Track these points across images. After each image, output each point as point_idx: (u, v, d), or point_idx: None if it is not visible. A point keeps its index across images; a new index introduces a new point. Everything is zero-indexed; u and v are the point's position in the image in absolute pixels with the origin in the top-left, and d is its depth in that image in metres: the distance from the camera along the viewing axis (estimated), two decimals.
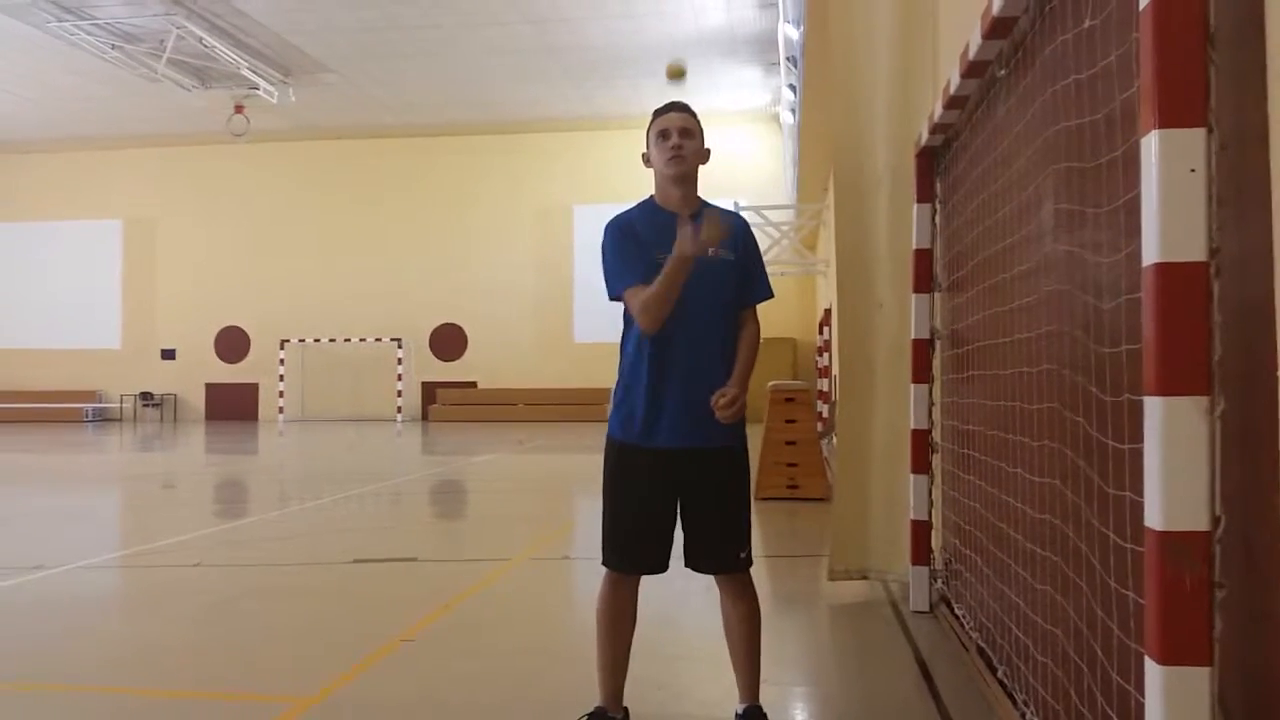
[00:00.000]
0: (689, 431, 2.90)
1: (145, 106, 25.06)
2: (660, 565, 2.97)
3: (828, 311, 17.39)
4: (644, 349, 2.93)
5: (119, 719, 3.39)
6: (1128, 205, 1.95)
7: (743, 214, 3.31)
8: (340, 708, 3.41)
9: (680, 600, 4.69)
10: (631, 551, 2.97)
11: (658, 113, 3.04)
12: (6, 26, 19.58)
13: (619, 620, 3.01)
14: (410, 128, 27.52)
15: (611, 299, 2.99)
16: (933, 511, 4.57)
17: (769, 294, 3.06)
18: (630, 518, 2.96)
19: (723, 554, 2.97)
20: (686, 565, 3.00)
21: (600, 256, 3.02)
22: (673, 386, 2.89)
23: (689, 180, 2.99)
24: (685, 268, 2.78)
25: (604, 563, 3.01)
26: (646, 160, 3.05)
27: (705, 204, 3.06)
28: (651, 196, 3.07)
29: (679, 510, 2.97)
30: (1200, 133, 1.57)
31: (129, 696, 3.60)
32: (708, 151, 3.05)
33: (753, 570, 3.04)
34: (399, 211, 28.58)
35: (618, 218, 3.04)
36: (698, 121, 3.03)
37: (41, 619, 4.77)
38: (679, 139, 2.94)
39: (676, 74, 3.16)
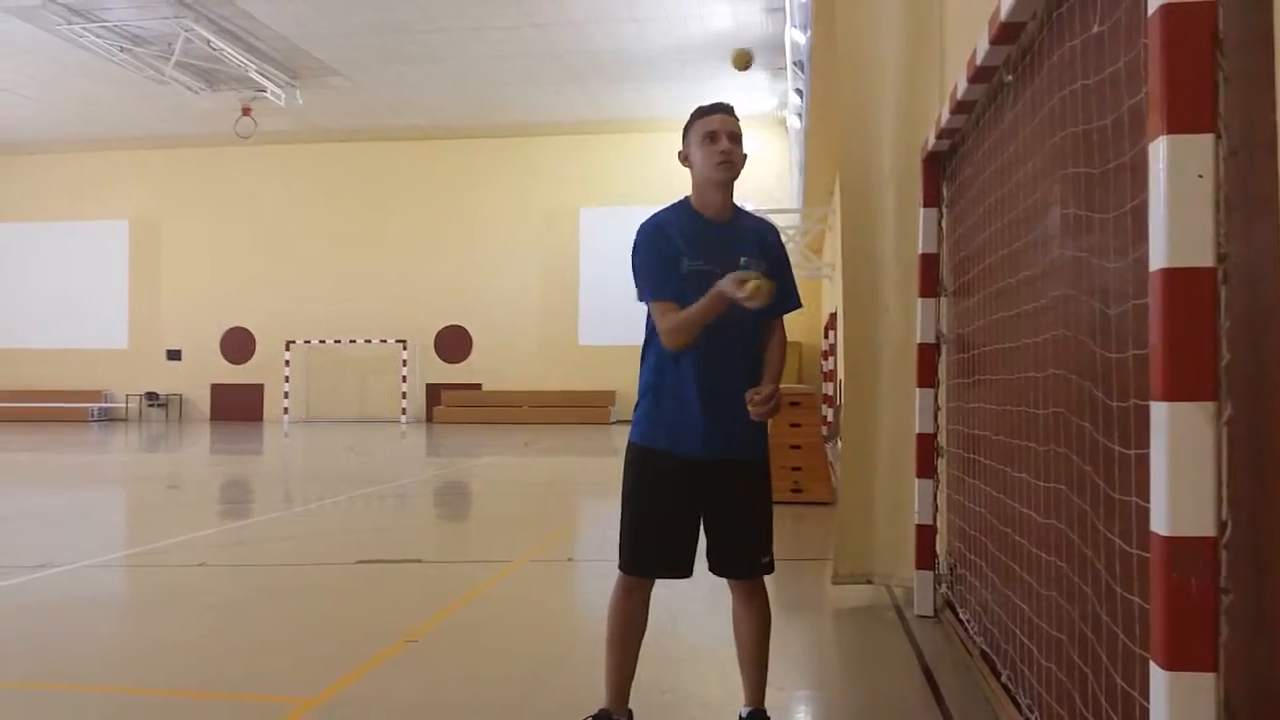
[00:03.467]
0: (723, 442, 2.90)
1: (153, 108, 25.13)
2: (685, 570, 2.95)
3: (833, 315, 17.38)
4: (684, 358, 2.89)
5: (122, 719, 3.40)
6: (1135, 210, 1.95)
7: None
8: (344, 708, 3.42)
9: (684, 604, 4.69)
10: (654, 557, 2.96)
11: (703, 111, 2.97)
12: (15, 28, 19.65)
13: (631, 624, 3.00)
14: (416, 130, 27.56)
15: (640, 300, 2.96)
16: (937, 516, 4.56)
17: (797, 304, 3.03)
18: (656, 525, 2.95)
19: (749, 560, 2.98)
20: (711, 570, 3.00)
21: (631, 256, 2.96)
22: (710, 397, 2.87)
23: (731, 186, 2.96)
24: (720, 309, 2.75)
25: (621, 567, 2.99)
26: (684, 159, 2.99)
27: (740, 210, 3.04)
28: (686, 198, 3.01)
29: (703, 516, 2.97)
30: (1209, 138, 1.57)
31: (133, 696, 3.61)
32: (745, 156, 3.00)
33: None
34: (405, 214, 28.62)
35: (651, 220, 2.98)
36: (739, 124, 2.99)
37: (46, 618, 4.78)
38: (730, 144, 2.90)
39: (743, 61, 3.11)
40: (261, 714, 3.38)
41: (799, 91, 16.93)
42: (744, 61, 4.28)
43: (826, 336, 19.92)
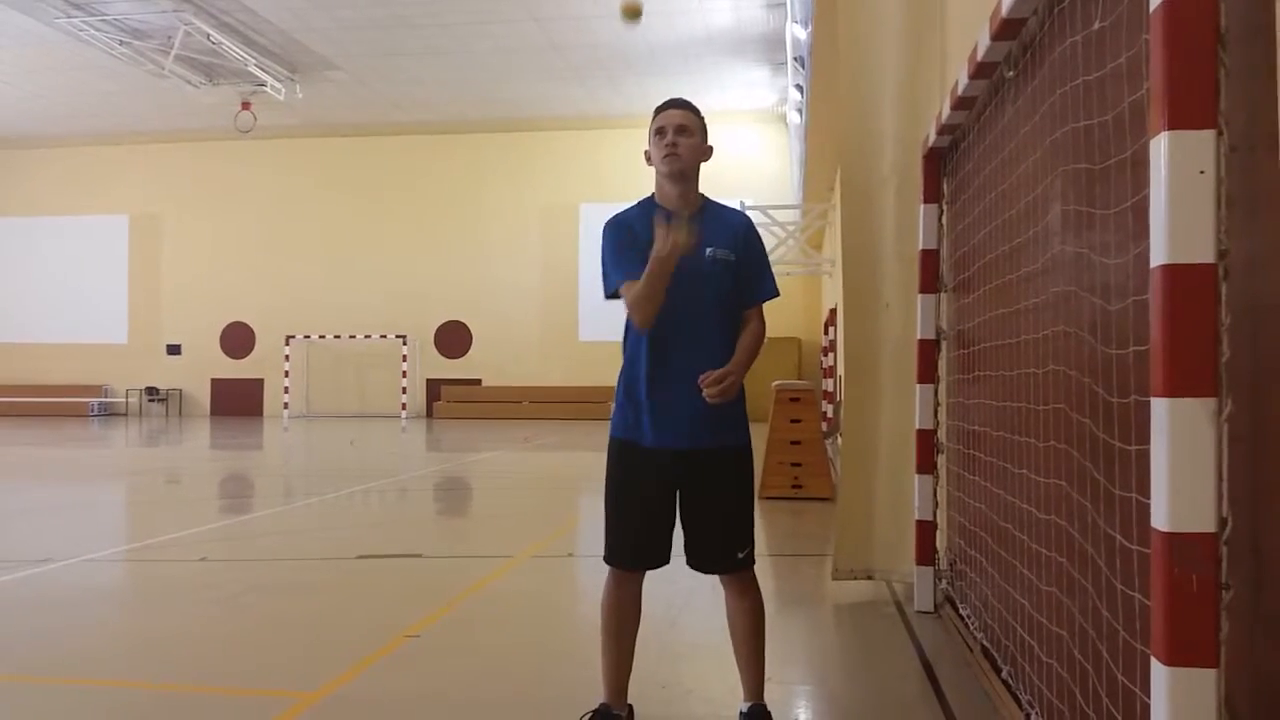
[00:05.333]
0: (689, 431, 2.90)
1: (152, 103, 25.12)
2: (661, 559, 2.97)
3: (833, 311, 17.38)
4: (644, 348, 2.92)
5: (123, 712, 3.41)
6: (1136, 207, 1.95)
7: (749, 213, 3.28)
8: (344, 703, 3.42)
9: (684, 599, 4.70)
10: (632, 549, 2.98)
11: (657, 109, 3.02)
12: (15, 21, 19.63)
13: (622, 617, 3.01)
14: (416, 125, 27.54)
15: (607, 297, 2.99)
16: (937, 512, 4.57)
17: (774, 293, 3.02)
18: (631, 516, 2.97)
19: (721, 554, 2.97)
20: (688, 564, 3.00)
21: (600, 255, 3.02)
22: (672, 386, 2.88)
23: (686, 178, 2.97)
24: (665, 268, 2.76)
25: (606, 560, 3.02)
26: (649, 158, 3.03)
27: (708, 201, 3.05)
28: (652, 195, 3.05)
29: (679, 508, 2.97)
30: (1210, 134, 1.56)
31: (134, 690, 3.62)
32: (710, 149, 3.02)
33: (757, 569, 3.05)
34: (404, 209, 28.61)
35: (616, 216, 3.03)
36: (699, 117, 3.00)
37: (47, 612, 4.79)
38: (674, 136, 2.92)
39: (632, 12, 3.14)
40: (262, 708, 3.38)
41: (799, 87, 16.92)
42: (632, 11, 4.35)
43: (826, 332, 19.92)
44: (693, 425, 2.88)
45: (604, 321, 26.24)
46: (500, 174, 28.20)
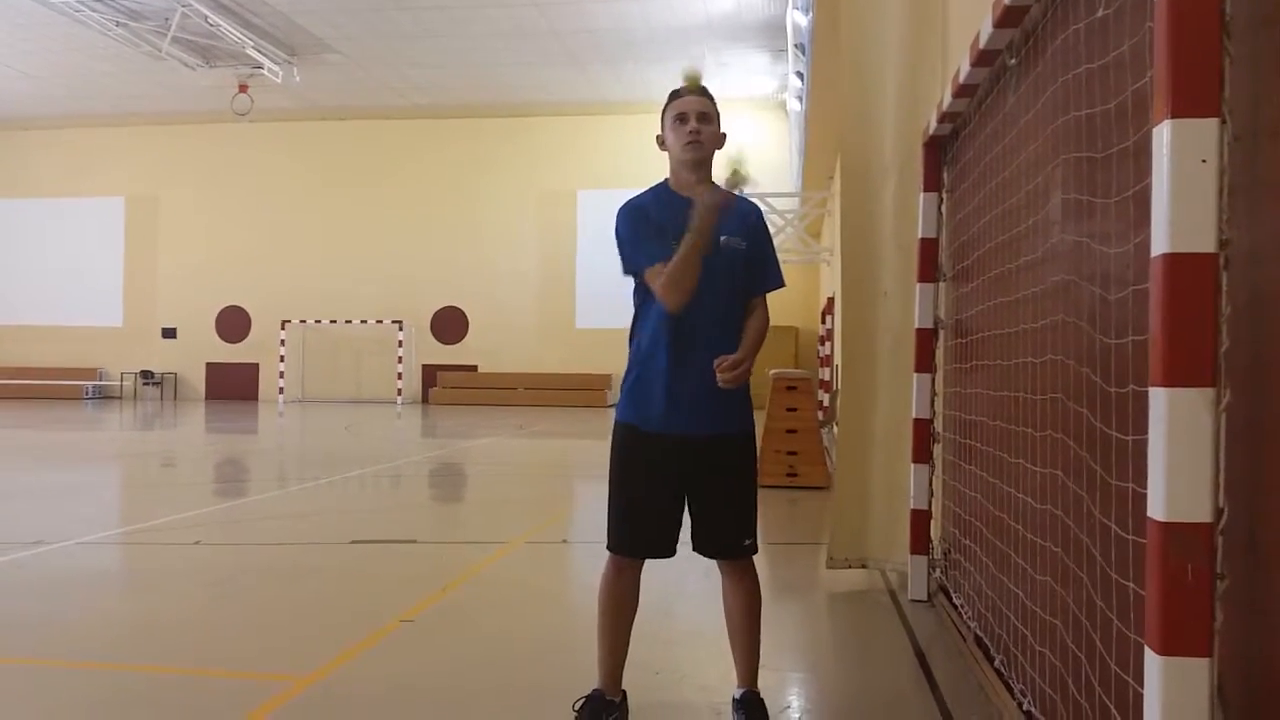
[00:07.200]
0: (701, 418, 2.90)
1: (149, 84, 24.97)
2: (667, 550, 2.96)
3: (831, 300, 17.38)
4: (657, 335, 2.91)
5: (117, 695, 3.40)
6: (1137, 196, 1.94)
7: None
8: (339, 687, 3.42)
9: (678, 586, 4.70)
10: (638, 536, 2.97)
11: (675, 94, 3.00)
12: (11, 1, 19.49)
13: (621, 604, 3.01)
14: (414, 109, 27.42)
15: (626, 273, 2.96)
16: (933, 501, 4.57)
17: (780, 283, 3.03)
18: (638, 503, 2.96)
19: (730, 540, 2.98)
20: (694, 549, 3.00)
21: (615, 239, 2.99)
22: (685, 373, 2.88)
23: (704, 165, 2.96)
24: (703, 239, 2.75)
25: (609, 547, 3.00)
26: (661, 143, 3.02)
27: (719, 189, 3.04)
28: (665, 180, 3.03)
29: (686, 495, 2.97)
30: (1213, 123, 1.55)
31: (127, 673, 3.62)
32: (724, 135, 3.02)
33: (754, 556, 3.05)
34: (402, 193, 28.51)
35: (630, 201, 3.02)
36: (715, 105, 3.00)
37: (40, 595, 4.78)
38: (697, 123, 2.92)
39: (693, 80, 3.11)
40: (256, 692, 3.38)
41: (800, 74, 16.86)
42: (694, 80, 4.36)
43: (824, 321, 19.92)
44: (702, 410, 2.89)
45: (601, 309, 26.22)
46: (498, 159, 28.09)
